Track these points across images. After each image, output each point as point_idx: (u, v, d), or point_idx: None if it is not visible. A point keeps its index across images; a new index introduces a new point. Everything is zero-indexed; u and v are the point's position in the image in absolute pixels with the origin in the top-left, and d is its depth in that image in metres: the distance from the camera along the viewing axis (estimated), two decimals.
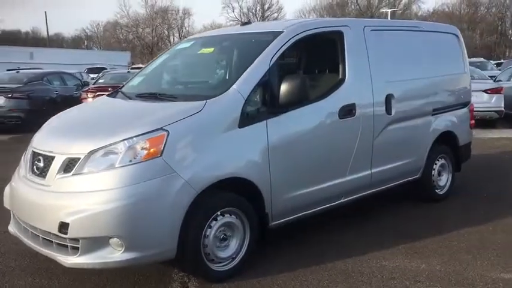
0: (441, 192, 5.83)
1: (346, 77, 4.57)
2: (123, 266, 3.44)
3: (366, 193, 4.93)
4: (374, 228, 4.88)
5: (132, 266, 3.56)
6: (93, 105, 4.74)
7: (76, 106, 4.79)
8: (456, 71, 5.97)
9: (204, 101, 3.71)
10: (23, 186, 3.77)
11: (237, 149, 3.75)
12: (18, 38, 70.73)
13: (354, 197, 4.81)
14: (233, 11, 69.12)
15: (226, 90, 3.82)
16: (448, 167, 5.91)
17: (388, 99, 4.91)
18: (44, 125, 4.30)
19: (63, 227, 3.30)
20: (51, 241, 3.49)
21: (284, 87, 3.93)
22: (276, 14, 69.35)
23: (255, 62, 3.97)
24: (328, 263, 4.02)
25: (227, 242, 3.77)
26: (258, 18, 68.33)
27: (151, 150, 3.38)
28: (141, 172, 3.34)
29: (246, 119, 3.80)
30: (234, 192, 3.79)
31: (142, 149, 3.38)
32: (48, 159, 3.61)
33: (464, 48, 6.16)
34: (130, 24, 68.76)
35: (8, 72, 14.12)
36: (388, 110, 4.92)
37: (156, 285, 3.69)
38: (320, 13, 66.89)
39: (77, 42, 76.90)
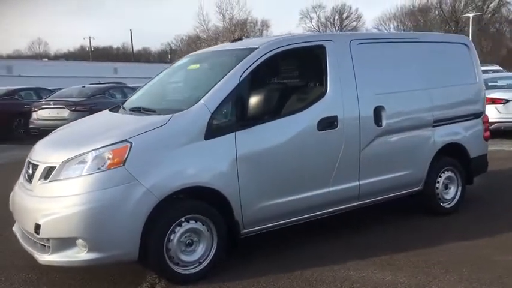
0: (448, 206, 5.70)
1: (328, 90, 4.68)
2: (88, 266, 3.80)
3: (354, 204, 4.98)
4: (359, 241, 4.90)
5: (97, 266, 3.91)
6: (90, 118, 5.19)
7: (79, 119, 5.28)
8: (465, 82, 5.84)
9: (170, 115, 4.01)
10: (18, 191, 4.27)
11: (202, 159, 4.00)
12: (110, 54, 75.57)
13: (340, 207, 4.88)
14: (311, 21, 69.01)
15: (195, 104, 4.10)
16: (457, 179, 5.77)
17: (378, 111, 4.95)
18: (45, 137, 4.80)
19: (37, 227, 3.73)
20: (35, 241, 3.93)
21: (252, 101, 4.14)
22: (354, 23, 68.59)
23: (225, 77, 4.22)
24: (297, 272, 4.13)
25: (194, 247, 4.02)
26: (336, 28, 67.96)
27: (115, 160, 3.73)
28: (105, 179, 3.69)
29: (213, 131, 4.05)
30: (201, 200, 4.04)
31: (108, 158, 3.74)
32: (35, 167, 4.08)
33: (477, 58, 6.01)
34: (210, 38, 70.99)
35: (75, 87, 15.32)
36: (378, 122, 4.95)
37: (128, 285, 4.01)
38: (401, 20, 65.24)
39: (162, 56, 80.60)
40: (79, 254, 3.69)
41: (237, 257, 4.40)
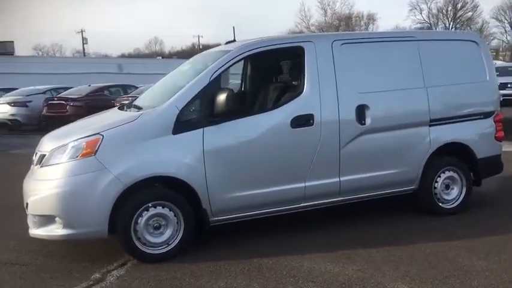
0: (448, 206, 5.60)
1: (304, 89, 4.89)
2: (65, 239, 4.42)
3: (336, 199, 5.14)
4: (332, 235, 5.03)
5: (72, 240, 4.52)
6: (96, 114, 5.79)
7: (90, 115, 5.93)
8: (473, 80, 5.68)
9: (141, 112, 4.50)
10: (27, 175, 5.01)
11: (168, 152, 4.44)
12: None
13: (320, 202, 5.07)
14: (421, 13, 65.93)
15: (166, 102, 4.55)
16: (461, 180, 5.64)
17: (361, 109, 5.05)
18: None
19: (27, 205, 4.41)
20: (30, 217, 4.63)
21: (221, 100, 4.49)
22: (470, 13, 64.48)
23: (197, 77, 4.63)
24: (255, 259, 4.42)
25: (161, 230, 4.47)
26: (449, 20, 64.62)
27: (88, 150, 4.29)
28: (79, 167, 4.28)
29: (181, 126, 4.48)
30: (170, 189, 4.49)
31: (82, 148, 4.31)
32: (37, 155, 4.77)
33: (488, 56, 5.80)
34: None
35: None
36: (361, 120, 5.05)
37: (106, 261, 4.54)
38: None
39: None
40: (58, 230, 4.31)
41: (206, 243, 4.80)
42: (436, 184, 5.52)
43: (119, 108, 5.54)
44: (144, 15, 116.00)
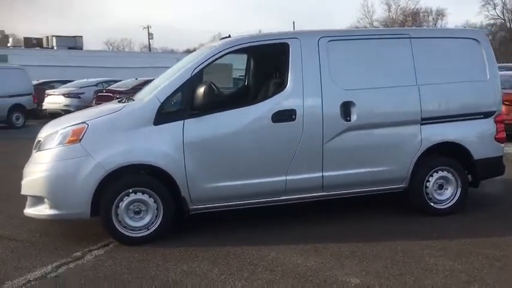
0: (442, 206, 5.51)
1: (288, 85, 4.99)
2: (52, 219, 4.78)
3: (320, 194, 5.20)
4: (310, 229, 5.10)
5: (59, 220, 4.89)
6: (97, 106, 6.13)
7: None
8: (471, 78, 5.54)
9: (125, 104, 4.78)
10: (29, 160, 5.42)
11: (149, 141, 4.69)
12: None
13: (303, 196, 5.16)
14: (494, 9, 62.67)
15: (150, 95, 4.81)
16: (456, 181, 5.53)
17: (346, 106, 5.09)
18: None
19: (21, 187, 4.81)
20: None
21: (202, 93, 4.70)
22: None
23: (179, 72, 4.85)
24: (227, 247, 4.59)
25: (141, 215, 4.74)
26: None
27: (74, 137, 4.63)
28: (65, 152, 4.62)
29: (162, 118, 4.72)
30: (150, 176, 4.75)
31: (69, 136, 4.65)
32: (36, 141, 5.17)
33: (490, 54, 5.62)
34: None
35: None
36: (346, 116, 5.09)
37: (92, 241, 4.85)
38: None
39: None
40: (46, 210, 4.68)
41: (185, 230, 5.04)
42: (427, 183, 5.46)
43: (119, 101, 5.86)
44: (208, 10, 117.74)
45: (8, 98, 16.22)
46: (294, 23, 61.70)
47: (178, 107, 4.83)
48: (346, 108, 5.09)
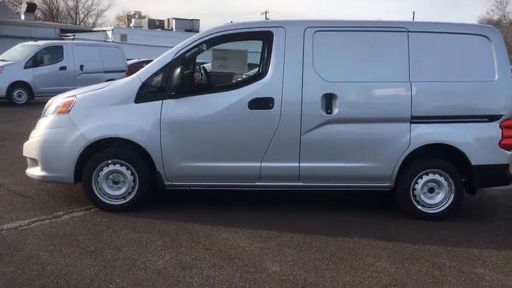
0: (431, 211, 5.23)
1: (268, 73, 5.06)
2: (42, 180, 5.34)
3: (296, 184, 5.21)
4: (278, 219, 5.14)
5: (47, 182, 5.48)
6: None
7: None
8: (476, 78, 5.15)
9: (110, 82, 5.18)
10: None
11: (128, 118, 5.05)
12: None
13: (278, 184, 5.23)
14: None
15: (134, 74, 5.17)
16: (450, 185, 5.22)
17: (328, 98, 5.04)
18: None
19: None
20: None
21: (181, 76, 4.94)
22: None
23: (162, 55, 5.12)
24: (189, 223, 4.84)
25: (119, 185, 5.14)
26: None
27: (64, 108, 5.14)
28: (56, 121, 5.15)
29: (143, 97, 5.05)
30: (129, 150, 5.11)
31: (60, 107, 5.16)
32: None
33: (502, 53, 5.15)
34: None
35: None
36: (327, 109, 5.04)
37: (80, 204, 5.33)
38: None
39: None
40: (38, 171, 5.25)
41: (165, 205, 5.37)
42: (416, 185, 5.22)
43: None
44: None
45: (103, 74, 17.63)
46: (414, 13, 59.14)
47: (159, 87, 5.12)
48: (327, 101, 5.04)
